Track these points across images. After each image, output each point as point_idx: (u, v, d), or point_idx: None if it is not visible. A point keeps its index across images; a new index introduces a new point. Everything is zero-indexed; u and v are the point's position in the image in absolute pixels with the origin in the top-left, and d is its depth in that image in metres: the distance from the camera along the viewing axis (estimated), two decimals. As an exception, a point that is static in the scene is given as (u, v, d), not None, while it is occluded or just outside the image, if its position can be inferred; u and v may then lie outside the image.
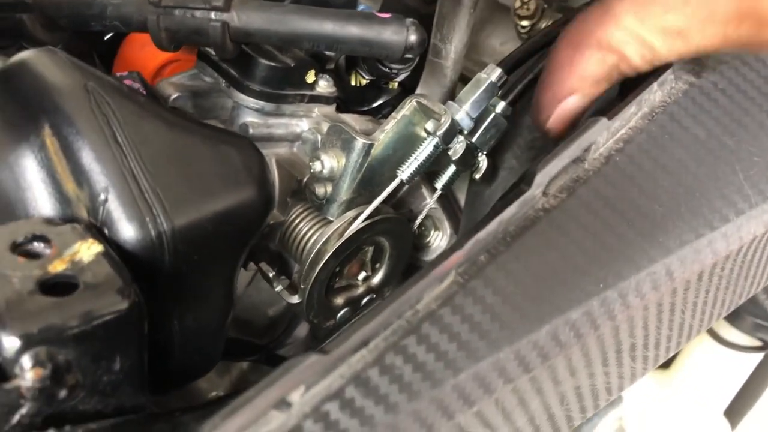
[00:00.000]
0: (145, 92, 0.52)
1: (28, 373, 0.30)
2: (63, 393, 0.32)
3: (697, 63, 0.43)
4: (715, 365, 0.86)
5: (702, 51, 0.36)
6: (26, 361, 0.30)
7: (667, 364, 0.94)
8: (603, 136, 0.38)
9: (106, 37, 0.62)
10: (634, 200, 0.38)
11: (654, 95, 0.40)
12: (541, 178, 0.35)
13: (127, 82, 0.52)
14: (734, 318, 0.81)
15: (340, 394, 0.30)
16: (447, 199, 0.64)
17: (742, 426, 0.98)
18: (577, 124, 0.40)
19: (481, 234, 0.34)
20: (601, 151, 0.38)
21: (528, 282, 0.34)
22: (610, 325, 0.37)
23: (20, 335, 0.30)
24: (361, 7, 0.63)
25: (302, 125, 0.54)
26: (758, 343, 0.83)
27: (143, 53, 0.58)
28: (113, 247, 0.36)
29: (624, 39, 0.36)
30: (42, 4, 0.49)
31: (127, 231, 0.37)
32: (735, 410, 0.91)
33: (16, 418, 0.30)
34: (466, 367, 0.32)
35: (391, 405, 0.31)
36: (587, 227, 0.36)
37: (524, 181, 0.35)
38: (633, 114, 0.39)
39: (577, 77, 0.38)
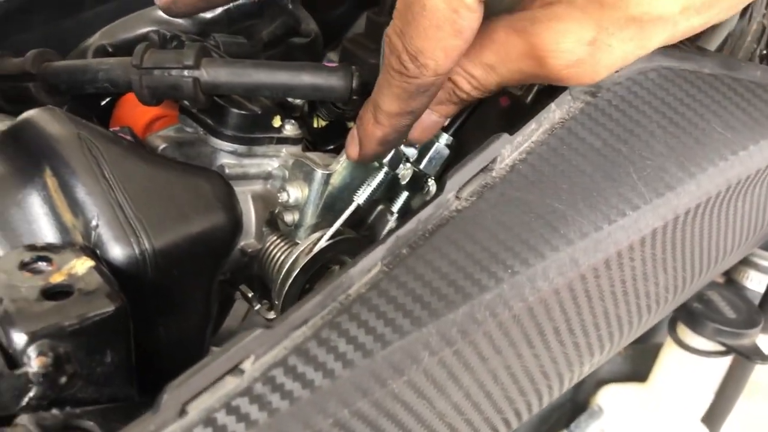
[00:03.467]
0: (135, 144, 0.60)
1: (34, 361, 0.37)
2: (63, 379, 0.39)
3: (594, 85, 0.51)
4: (686, 373, 0.91)
5: (508, 81, 0.46)
6: (32, 351, 0.37)
7: (644, 377, 0.99)
8: (507, 149, 0.45)
9: (103, 102, 0.71)
10: (537, 200, 0.45)
11: (553, 114, 0.48)
12: (452, 185, 0.43)
13: (119, 136, 0.60)
14: (696, 325, 0.87)
15: (284, 362, 0.37)
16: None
17: (722, 432, 1.02)
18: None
19: (402, 231, 0.41)
20: (506, 162, 0.46)
21: (444, 269, 0.41)
22: (523, 306, 0.44)
23: (27, 332, 0.37)
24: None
25: (273, 164, 0.62)
26: (721, 348, 0.88)
27: (134, 112, 0.66)
28: (105, 265, 0.44)
29: (454, 70, 0.46)
30: (44, 73, 0.57)
31: (115, 250, 0.44)
32: (713, 416, 0.96)
33: (25, 400, 0.37)
34: (393, 341, 0.39)
35: (328, 371, 0.37)
36: (495, 222, 0.43)
37: (438, 187, 0.43)
38: (534, 130, 0.47)
39: None
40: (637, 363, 1.01)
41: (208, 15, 0.71)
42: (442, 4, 0.41)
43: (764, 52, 0.76)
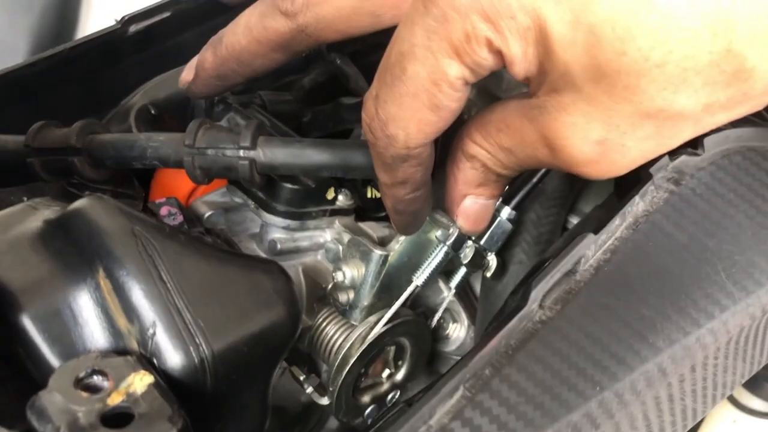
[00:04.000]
0: (182, 216, 0.57)
1: (94, 499, 0.35)
2: None
3: (677, 171, 0.48)
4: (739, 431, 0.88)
5: (528, 165, 0.43)
6: (92, 488, 0.35)
7: (693, 430, 0.95)
8: (591, 250, 0.43)
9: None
10: (624, 306, 0.42)
11: (636, 207, 0.45)
12: (536, 294, 0.40)
13: (165, 208, 0.58)
14: (754, 387, 0.83)
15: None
16: (464, 291, 0.68)
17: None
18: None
19: (485, 350, 0.38)
20: (590, 263, 0.43)
21: (530, 391, 0.38)
22: (611, 423, 0.41)
23: (87, 465, 0.35)
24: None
25: (325, 236, 0.59)
26: (780, 409, 0.85)
27: (176, 179, 0.64)
28: (162, 374, 0.41)
29: (477, 151, 0.43)
30: (89, 147, 0.55)
31: (174, 360, 0.42)
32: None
33: None
34: (478, 474, 0.36)
35: None
36: (582, 334, 0.40)
37: (521, 297, 0.40)
38: (618, 226, 0.44)
39: (461, 184, 0.46)
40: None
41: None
42: (423, 72, 0.37)
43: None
